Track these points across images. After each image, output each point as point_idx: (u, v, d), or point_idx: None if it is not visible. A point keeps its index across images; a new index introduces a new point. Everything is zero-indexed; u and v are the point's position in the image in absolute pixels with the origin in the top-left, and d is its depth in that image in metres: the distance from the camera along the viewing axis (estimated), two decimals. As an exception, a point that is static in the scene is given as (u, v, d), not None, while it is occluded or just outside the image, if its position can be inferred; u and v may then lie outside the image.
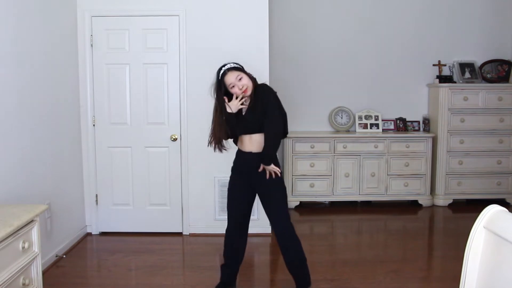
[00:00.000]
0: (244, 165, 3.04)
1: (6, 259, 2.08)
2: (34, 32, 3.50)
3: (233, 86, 2.93)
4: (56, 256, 3.77)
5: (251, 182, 3.05)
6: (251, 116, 2.95)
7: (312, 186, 5.39)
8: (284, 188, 3.08)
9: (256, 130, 2.96)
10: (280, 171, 2.98)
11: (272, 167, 2.93)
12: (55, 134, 3.86)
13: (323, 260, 3.85)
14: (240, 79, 2.92)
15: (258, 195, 3.08)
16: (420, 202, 5.49)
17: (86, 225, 4.48)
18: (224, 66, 3.01)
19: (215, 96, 3.00)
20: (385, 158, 5.41)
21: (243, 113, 3.00)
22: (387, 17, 5.62)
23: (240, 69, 3.00)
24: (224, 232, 3.19)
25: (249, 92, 2.93)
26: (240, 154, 3.07)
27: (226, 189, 4.24)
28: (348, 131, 5.61)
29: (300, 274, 3.07)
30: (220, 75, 2.98)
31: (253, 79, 2.99)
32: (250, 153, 2.99)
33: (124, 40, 4.30)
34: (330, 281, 3.40)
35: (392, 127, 5.64)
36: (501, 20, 5.66)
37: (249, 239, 4.06)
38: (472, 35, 5.66)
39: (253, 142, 2.98)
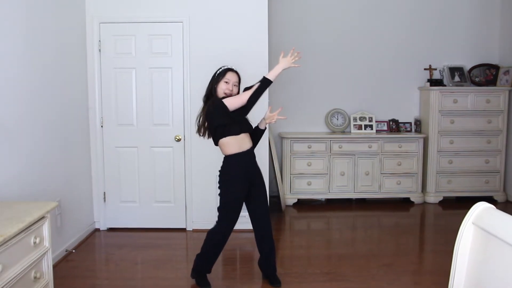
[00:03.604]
0: (250, 162, 3.10)
1: (18, 254, 2.08)
2: (45, 37, 3.50)
3: (228, 83, 3.05)
4: (66, 251, 3.77)
5: (249, 182, 3.09)
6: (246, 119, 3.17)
7: (309, 184, 5.39)
8: None
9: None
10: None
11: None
12: (65, 135, 3.85)
13: (320, 254, 3.86)
14: (235, 86, 3.10)
15: (253, 193, 3.11)
16: (412, 199, 5.48)
17: (95, 221, 4.48)
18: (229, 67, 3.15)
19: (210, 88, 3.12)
20: (379, 157, 5.41)
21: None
22: (381, 24, 5.62)
23: (240, 80, 3.16)
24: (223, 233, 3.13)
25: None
26: (241, 155, 3.06)
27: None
28: (343, 132, 5.60)
29: (274, 261, 3.24)
30: (223, 68, 3.10)
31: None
32: (251, 148, 3.10)
33: (130, 45, 4.31)
34: (326, 274, 3.41)
35: (385, 128, 5.63)
36: (488, 27, 5.66)
37: (248, 235, 4.08)
38: (462, 41, 5.66)
39: (249, 138, 3.11)
